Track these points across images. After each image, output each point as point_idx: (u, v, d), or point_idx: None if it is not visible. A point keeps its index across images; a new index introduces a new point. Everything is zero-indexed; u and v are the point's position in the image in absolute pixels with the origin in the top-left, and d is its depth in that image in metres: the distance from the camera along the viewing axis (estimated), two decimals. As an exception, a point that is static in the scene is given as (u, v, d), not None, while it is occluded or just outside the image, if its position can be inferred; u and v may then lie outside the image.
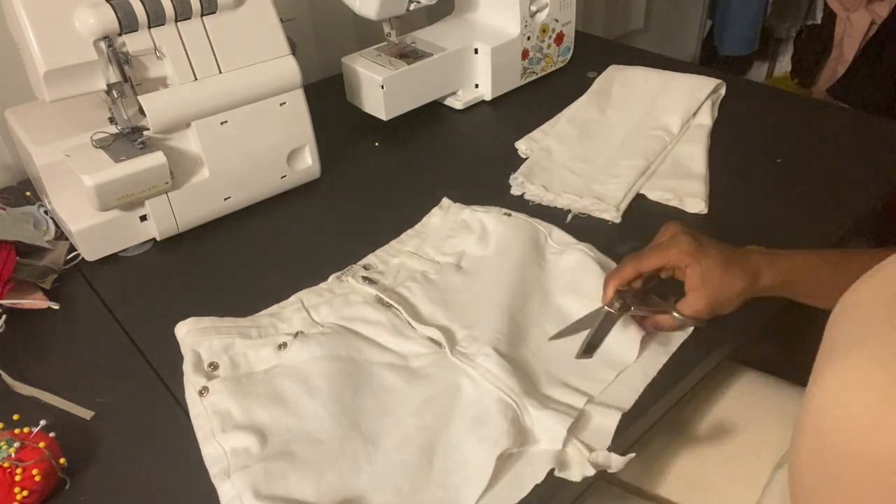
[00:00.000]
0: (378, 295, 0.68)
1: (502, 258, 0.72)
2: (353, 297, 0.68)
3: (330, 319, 0.66)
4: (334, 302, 0.68)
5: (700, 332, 0.64)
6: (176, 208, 0.77)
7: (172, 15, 0.70)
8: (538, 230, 0.75)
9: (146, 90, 0.72)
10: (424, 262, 0.73)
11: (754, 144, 0.92)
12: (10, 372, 0.64)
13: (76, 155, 0.71)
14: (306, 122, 0.83)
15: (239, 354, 0.62)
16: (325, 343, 0.63)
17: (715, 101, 0.99)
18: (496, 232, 0.75)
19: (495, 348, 0.61)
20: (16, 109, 0.79)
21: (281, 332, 0.65)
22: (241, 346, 0.63)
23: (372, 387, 0.60)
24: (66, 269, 0.76)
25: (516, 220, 0.76)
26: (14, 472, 0.51)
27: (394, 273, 0.72)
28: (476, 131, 1.00)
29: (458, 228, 0.77)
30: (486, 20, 1.06)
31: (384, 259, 0.74)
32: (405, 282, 0.71)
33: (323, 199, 0.86)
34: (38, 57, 0.65)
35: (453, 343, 0.64)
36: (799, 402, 0.46)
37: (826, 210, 0.80)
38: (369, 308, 0.67)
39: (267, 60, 0.78)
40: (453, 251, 0.75)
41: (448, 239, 0.76)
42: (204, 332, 0.63)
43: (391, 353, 0.64)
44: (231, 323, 0.65)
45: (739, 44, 1.98)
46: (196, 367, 0.61)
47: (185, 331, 0.63)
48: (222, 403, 0.58)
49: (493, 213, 0.77)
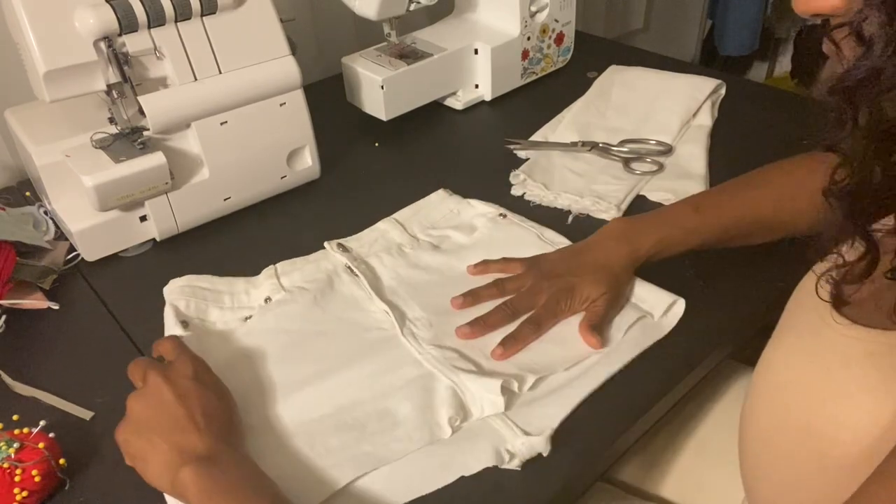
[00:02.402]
0: (346, 264, 0.71)
1: (480, 250, 0.73)
2: (324, 264, 0.72)
3: (297, 285, 0.70)
4: (305, 268, 0.71)
5: (700, 332, 0.64)
6: (176, 208, 0.77)
7: (172, 15, 0.70)
8: (529, 231, 0.76)
9: (146, 90, 0.72)
10: (405, 235, 0.75)
11: (754, 144, 0.92)
12: (10, 372, 0.64)
13: (76, 155, 0.71)
14: (306, 122, 0.83)
15: (209, 322, 0.67)
16: (281, 315, 0.67)
17: (715, 101, 0.99)
18: (484, 228, 0.77)
19: (445, 335, 0.64)
20: (16, 109, 0.79)
21: (252, 299, 0.69)
22: (214, 315, 0.67)
23: (316, 355, 0.63)
24: (66, 270, 0.76)
25: (508, 222, 0.77)
26: (14, 473, 0.51)
27: (370, 242, 0.74)
28: (476, 132, 1.00)
29: (450, 216, 0.79)
30: (486, 20, 1.05)
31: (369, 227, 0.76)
32: (378, 252, 0.73)
33: (323, 200, 0.86)
34: (38, 57, 0.65)
35: (404, 323, 0.65)
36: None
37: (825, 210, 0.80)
38: (336, 277, 0.71)
39: (267, 60, 0.78)
40: (437, 234, 0.77)
41: (437, 221, 0.78)
42: (181, 290, 0.68)
43: (347, 323, 0.66)
44: (208, 284, 0.69)
45: (739, 44, 1.98)
46: (173, 322, 0.65)
47: (168, 290, 0.68)
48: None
49: (489, 210, 0.78)
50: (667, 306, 0.65)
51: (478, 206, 0.80)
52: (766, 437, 0.52)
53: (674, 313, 0.65)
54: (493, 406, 0.57)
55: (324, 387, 0.60)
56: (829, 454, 0.43)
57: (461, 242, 0.76)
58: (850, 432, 0.42)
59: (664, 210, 0.70)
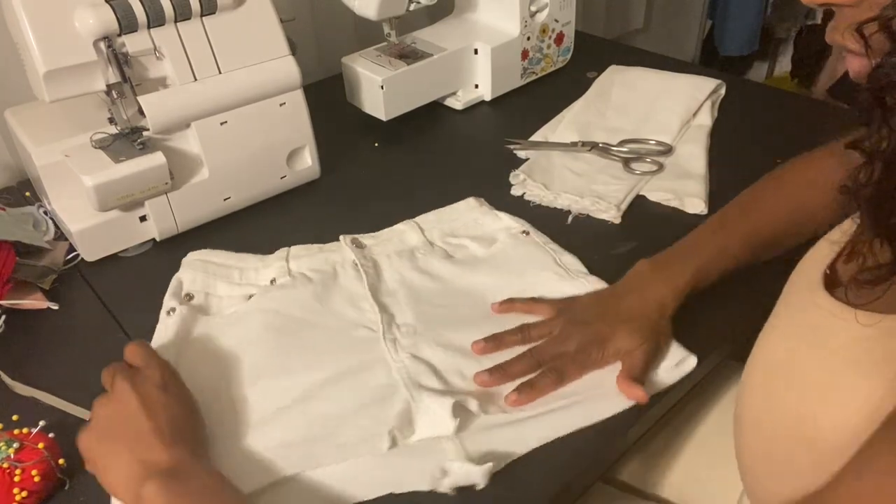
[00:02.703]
0: (354, 260, 0.71)
1: (491, 266, 0.72)
2: (334, 256, 0.72)
3: (302, 272, 0.70)
4: (316, 257, 0.72)
5: (700, 332, 0.64)
6: (176, 208, 0.77)
7: (172, 15, 0.70)
8: (547, 254, 0.72)
9: (146, 90, 0.72)
10: (422, 239, 0.75)
11: (754, 144, 0.92)
12: (10, 372, 0.64)
13: (76, 155, 0.71)
14: (306, 122, 0.83)
15: (213, 297, 0.69)
16: (279, 299, 0.68)
17: (715, 101, 0.99)
18: (503, 243, 0.75)
19: (426, 345, 0.63)
20: (16, 109, 0.79)
21: (260, 277, 0.70)
22: (222, 289, 0.69)
23: (297, 345, 0.64)
24: (66, 270, 0.76)
25: (529, 240, 0.74)
26: (13, 473, 0.51)
27: (385, 241, 0.74)
28: (476, 132, 1.00)
29: (472, 226, 0.77)
30: (486, 20, 1.05)
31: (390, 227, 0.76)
32: (390, 252, 0.73)
33: (323, 200, 0.86)
34: (38, 57, 0.65)
35: (390, 327, 0.65)
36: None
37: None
38: (342, 270, 0.71)
39: (267, 60, 0.78)
40: (455, 242, 0.75)
41: (457, 229, 0.76)
42: (192, 265, 0.70)
43: (338, 319, 0.66)
44: (222, 259, 0.71)
45: (739, 44, 1.98)
46: (174, 293, 0.68)
47: (184, 261, 0.71)
48: (181, 325, 0.65)
49: (514, 225, 0.76)
50: (676, 361, 0.61)
51: (504, 219, 0.77)
52: (756, 419, 0.51)
53: (680, 370, 0.61)
54: (443, 426, 0.55)
55: (291, 379, 0.61)
56: (818, 437, 0.43)
57: (475, 254, 0.74)
58: (838, 416, 0.42)
59: (688, 238, 0.67)
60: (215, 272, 0.70)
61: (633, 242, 0.76)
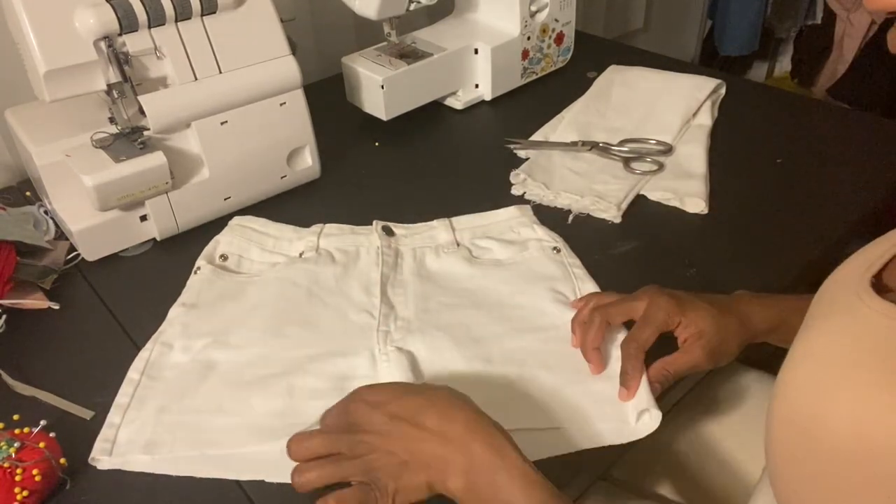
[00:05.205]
0: (378, 247, 0.73)
1: (508, 274, 0.71)
2: (361, 240, 0.74)
3: (329, 250, 0.73)
4: (345, 238, 0.74)
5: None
6: (176, 208, 0.77)
7: (172, 15, 0.70)
8: (568, 276, 0.70)
9: (146, 90, 0.72)
10: (451, 237, 0.75)
11: (754, 144, 0.92)
12: (11, 372, 0.64)
13: (76, 155, 0.71)
14: (306, 122, 0.83)
15: (245, 260, 0.73)
16: (300, 271, 0.70)
17: (715, 101, 0.99)
18: (530, 253, 0.73)
19: (413, 339, 0.64)
20: (16, 109, 0.79)
21: (292, 248, 0.74)
22: (255, 254, 0.74)
23: (303, 320, 0.66)
24: (66, 269, 0.76)
25: (559, 257, 0.72)
26: (14, 473, 0.51)
27: (416, 233, 0.76)
28: (476, 131, 1.00)
29: (506, 231, 0.76)
30: (486, 20, 1.06)
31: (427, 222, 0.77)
32: (416, 245, 0.74)
33: (323, 200, 0.86)
34: (38, 57, 0.65)
35: (387, 320, 0.66)
36: None
37: (826, 210, 0.80)
38: (366, 254, 0.73)
39: (267, 60, 0.78)
40: (482, 244, 0.75)
41: (490, 232, 0.76)
42: (233, 228, 0.76)
43: (346, 300, 0.68)
44: (261, 227, 0.76)
45: (739, 44, 1.98)
46: (206, 254, 0.73)
47: (228, 224, 0.76)
48: (203, 282, 0.70)
49: (547, 239, 0.74)
50: (639, 412, 0.56)
51: (539, 231, 0.75)
52: (805, 420, 0.47)
53: (643, 422, 0.56)
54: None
55: (277, 353, 0.63)
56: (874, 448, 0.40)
57: (498, 258, 0.73)
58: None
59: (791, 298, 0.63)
60: (251, 237, 0.74)
61: (633, 242, 0.76)
